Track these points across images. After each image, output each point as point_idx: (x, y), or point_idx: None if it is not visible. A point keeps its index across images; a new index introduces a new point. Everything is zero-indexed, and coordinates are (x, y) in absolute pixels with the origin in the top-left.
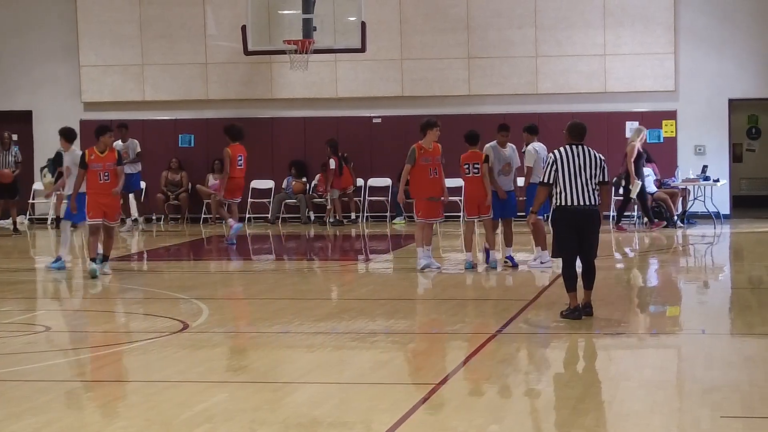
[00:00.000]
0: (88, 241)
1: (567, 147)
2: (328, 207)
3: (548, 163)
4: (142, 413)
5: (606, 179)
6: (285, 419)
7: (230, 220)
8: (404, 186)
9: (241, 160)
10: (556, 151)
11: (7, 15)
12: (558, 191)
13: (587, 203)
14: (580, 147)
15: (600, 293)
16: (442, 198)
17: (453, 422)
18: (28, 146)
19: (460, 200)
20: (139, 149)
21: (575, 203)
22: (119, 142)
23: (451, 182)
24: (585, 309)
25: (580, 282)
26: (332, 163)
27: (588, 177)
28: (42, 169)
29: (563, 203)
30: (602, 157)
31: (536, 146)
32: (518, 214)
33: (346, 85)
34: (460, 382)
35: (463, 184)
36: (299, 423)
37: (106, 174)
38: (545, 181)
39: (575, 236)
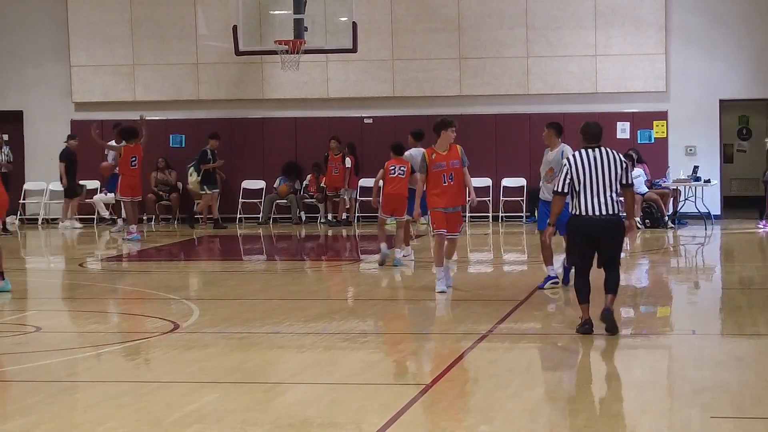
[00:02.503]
0: None
1: (582, 151)
2: (346, 206)
3: (562, 171)
4: (133, 414)
5: (629, 181)
6: (275, 419)
7: (132, 226)
8: (420, 198)
9: (134, 160)
10: (570, 157)
11: None
12: (574, 198)
13: (607, 212)
14: (597, 149)
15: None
16: (462, 205)
17: (443, 422)
18: (19, 146)
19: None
20: None
21: (593, 212)
22: (112, 142)
23: None
24: (605, 314)
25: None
26: (348, 162)
27: (608, 182)
28: (188, 168)
29: (579, 212)
30: (624, 158)
31: (413, 152)
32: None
33: (338, 86)
34: (450, 383)
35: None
36: (290, 423)
37: None
38: (559, 190)
39: (591, 247)
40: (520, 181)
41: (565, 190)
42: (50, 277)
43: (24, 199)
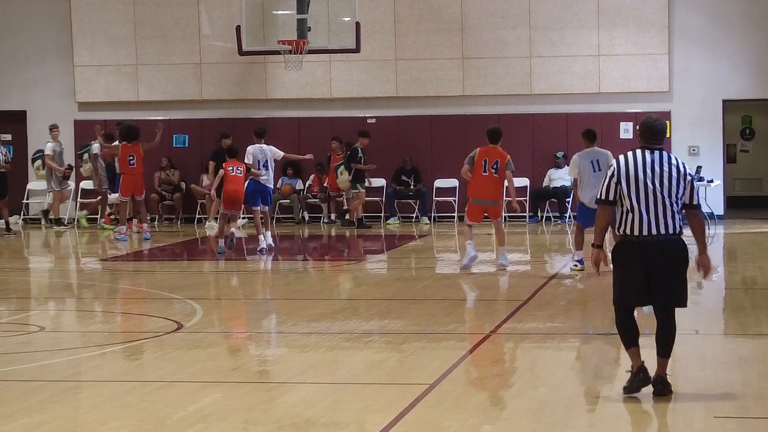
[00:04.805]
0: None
1: (636, 152)
2: (344, 207)
3: (607, 174)
4: (136, 413)
5: (695, 201)
6: (278, 419)
7: (121, 227)
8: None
9: (132, 159)
10: (621, 157)
11: (1, 15)
12: (622, 213)
13: (666, 231)
14: (656, 153)
15: (593, 294)
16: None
17: (446, 422)
18: (22, 146)
19: (454, 200)
20: None
21: (648, 231)
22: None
23: (446, 183)
24: (658, 384)
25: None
26: None
27: (667, 194)
28: (337, 166)
29: (629, 231)
30: (688, 169)
31: (253, 148)
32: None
33: (341, 86)
34: (453, 383)
35: (457, 185)
36: (293, 423)
37: None
38: (604, 198)
39: (641, 277)
40: (523, 181)
41: (611, 198)
42: (53, 276)
43: (27, 199)
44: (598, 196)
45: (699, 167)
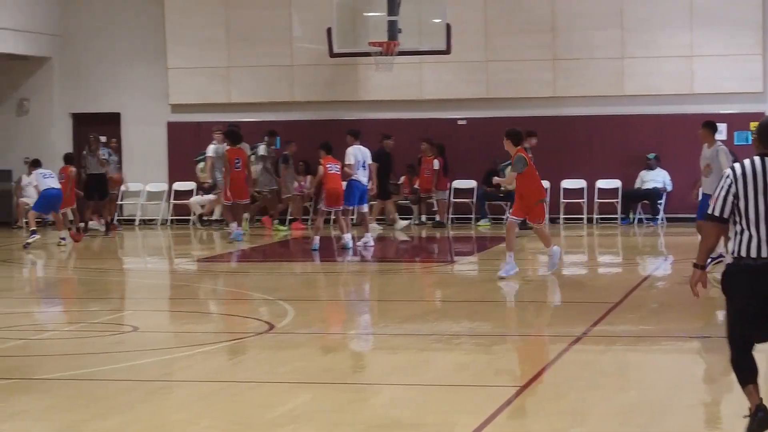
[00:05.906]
0: None
1: (754, 160)
2: (434, 208)
3: (721, 186)
4: (226, 414)
5: None
6: (367, 420)
7: (233, 224)
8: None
9: (238, 162)
10: (737, 166)
11: (97, 18)
12: (735, 233)
13: None
14: None
15: (679, 298)
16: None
17: (535, 426)
18: (116, 148)
19: (545, 201)
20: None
21: (765, 253)
22: (211, 144)
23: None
24: None
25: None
26: (436, 164)
27: None
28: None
29: (744, 253)
30: None
31: (353, 149)
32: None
33: (431, 87)
34: (542, 386)
35: (549, 186)
36: (381, 424)
37: None
38: (716, 214)
39: (758, 304)
40: (615, 183)
41: (726, 215)
42: (147, 277)
43: (121, 200)
44: (710, 212)
45: None
